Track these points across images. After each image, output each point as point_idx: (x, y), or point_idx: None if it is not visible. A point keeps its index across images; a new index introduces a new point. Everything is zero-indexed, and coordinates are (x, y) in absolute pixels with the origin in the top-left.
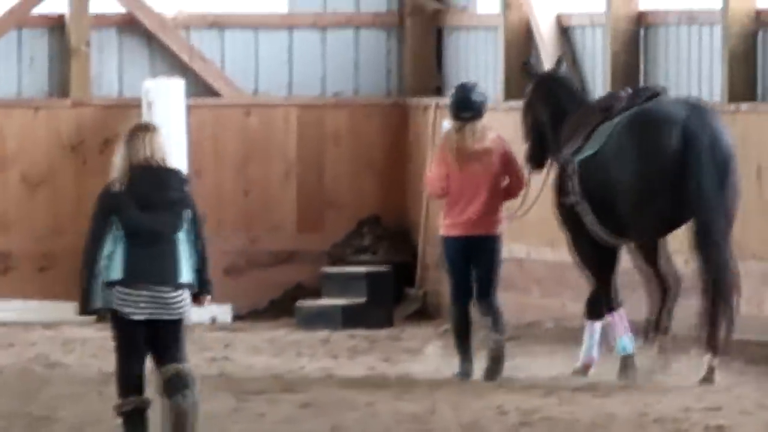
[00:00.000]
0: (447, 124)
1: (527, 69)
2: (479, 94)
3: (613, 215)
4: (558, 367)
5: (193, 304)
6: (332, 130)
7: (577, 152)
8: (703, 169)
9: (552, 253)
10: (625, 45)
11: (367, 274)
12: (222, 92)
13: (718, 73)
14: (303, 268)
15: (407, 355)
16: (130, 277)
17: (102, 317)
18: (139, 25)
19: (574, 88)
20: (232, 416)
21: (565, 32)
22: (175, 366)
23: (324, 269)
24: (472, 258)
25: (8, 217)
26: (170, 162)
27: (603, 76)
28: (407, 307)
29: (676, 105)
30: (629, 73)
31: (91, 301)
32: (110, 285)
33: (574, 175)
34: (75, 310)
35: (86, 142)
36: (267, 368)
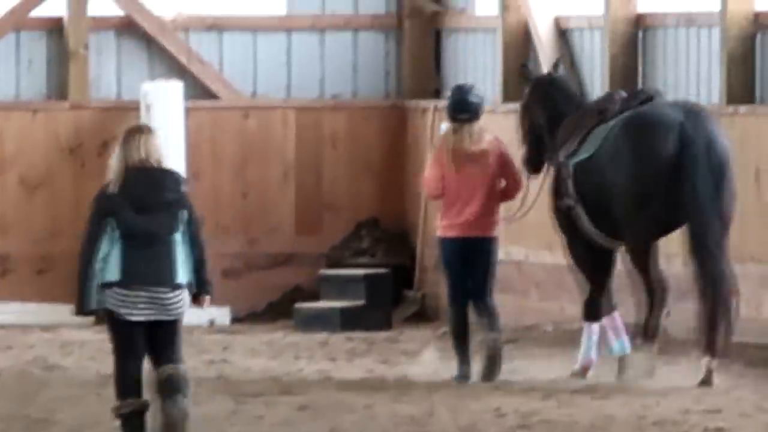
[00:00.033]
0: (445, 126)
1: (524, 72)
2: (476, 96)
3: (608, 218)
4: (556, 370)
5: (192, 305)
6: (330, 133)
7: (573, 155)
8: (699, 173)
9: (551, 256)
10: (623, 47)
11: (366, 276)
12: (220, 95)
13: (716, 75)
14: (301, 270)
15: (405, 358)
16: (127, 279)
17: (101, 319)
18: (137, 28)
19: (571, 90)
20: (230, 418)
21: (563, 34)
22: (171, 367)
23: (322, 271)
24: (469, 259)
25: (6, 220)
26: (166, 163)
27: (601, 78)
28: (405, 310)
29: (671, 108)
30: (627, 76)
31: (86, 302)
32: (107, 286)
33: (569, 178)
34: (72, 311)
35: (84, 144)
36: (265, 370)
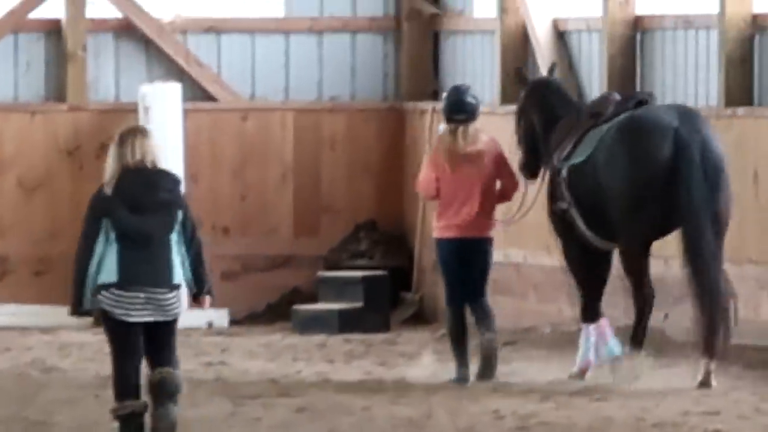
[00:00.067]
0: (442, 127)
1: (520, 76)
2: (472, 97)
3: (604, 221)
4: (555, 372)
5: (193, 305)
6: (329, 135)
7: (568, 158)
8: (694, 177)
9: (549, 259)
10: (621, 49)
11: (364, 278)
12: (219, 97)
13: (714, 77)
14: (299, 272)
15: (404, 360)
16: (125, 280)
17: (99, 321)
18: (135, 30)
19: (567, 94)
20: (228, 421)
21: (561, 36)
22: (165, 371)
23: (320, 273)
24: (466, 260)
25: (5, 222)
26: (161, 164)
27: (599, 80)
28: (404, 312)
29: (666, 112)
30: (626, 78)
31: (82, 302)
32: (104, 287)
33: (563, 182)
34: (68, 312)
35: (83, 146)
36: (263, 372)
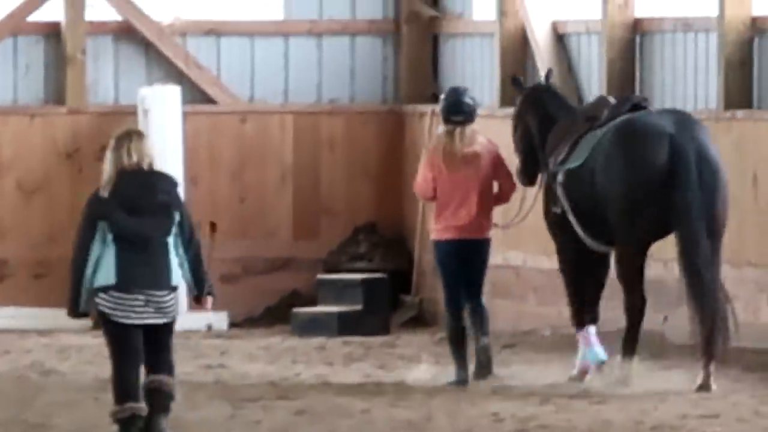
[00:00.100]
0: (441, 130)
1: (516, 83)
2: (471, 98)
3: (600, 225)
4: (554, 375)
5: (195, 307)
6: (328, 137)
7: (563, 162)
8: (689, 181)
9: (548, 261)
10: (620, 52)
11: (363, 281)
12: (218, 99)
13: (713, 80)
14: (299, 275)
15: (403, 362)
16: (123, 282)
17: (98, 324)
18: (135, 33)
19: (564, 99)
20: (228, 423)
21: (560, 39)
22: (159, 381)
23: (320, 276)
24: (464, 261)
25: (4, 224)
26: (158, 166)
27: (599, 83)
28: (403, 314)
29: (662, 117)
30: (625, 81)
31: (79, 303)
32: (102, 290)
33: (560, 186)
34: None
35: (82, 149)
36: (263, 375)
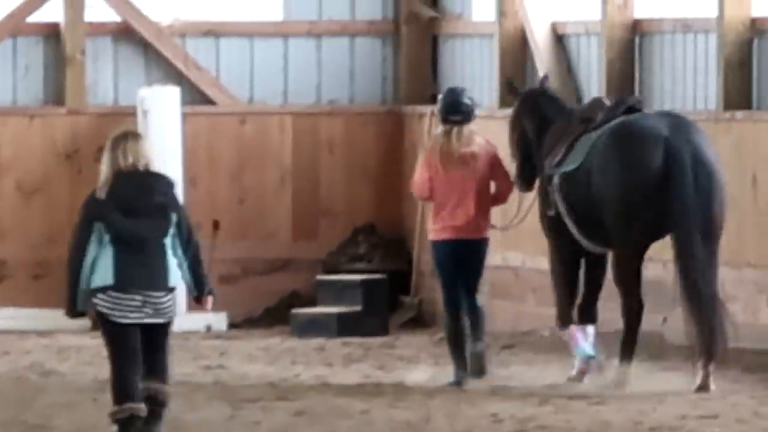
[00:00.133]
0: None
1: (510, 86)
2: (469, 99)
3: (597, 228)
4: (553, 375)
5: (195, 307)
6: (327, 138)
7: (559, 164)
8: (684, 184)
9: (547, 262)
10: (620, 53)
11: (362, 282)
12: (217, 100)
13: (713, 81)
14: (298, 276)
15: (402, 363)
16: (121, 282)
17: (97, 325)
18: (134, 34)
19: (560, 102)
20: (227, 424)
21: (560, 40)
22: (155, 388)
23: (319, 277)
24: (462, 261)
25: (3, 225)
26: (155, 167)
27: (598, 84)
28: (402, 315)
29: (657, 120)
30: (624, 82)
31: (77, 303)
32: (100, 290)
33: (555, 188)
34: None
35: (81, 150)
36: (262, 376)
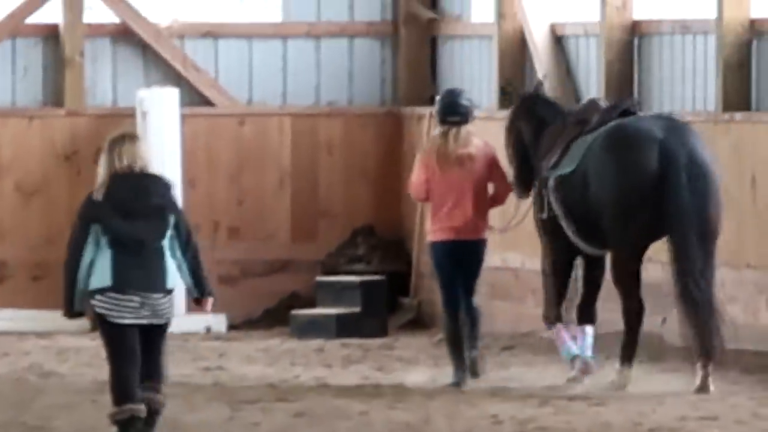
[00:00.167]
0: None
1: (505, 91)
2: (467, 100)
3: (593, 230)
4: (553, 376)
5: (195, 309)
6: (326, 140)
7: (555, 167)
8: (680, 186)
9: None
10: (619, 54)
11: (362, 283)
12: (216, 102)
13: (712, 82)
14: (297, 277)
15: (401, 365)
16: (119, 284)
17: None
18: (133, 35)
19: (556, 105)
20: (227, 425)
21: (559, 41)
22: (150, 397)
23: (318, 278)
24: (460, 262)
25: (2, 226)
26: (152, 169)
27: (597, 85)
28: (401, 317)
29: (652, 122)
30: (623, 83)
31: (74, 303)
32: (99, 292)
33: (551, 190)
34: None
35: (80, 151)
36: (261, 377)
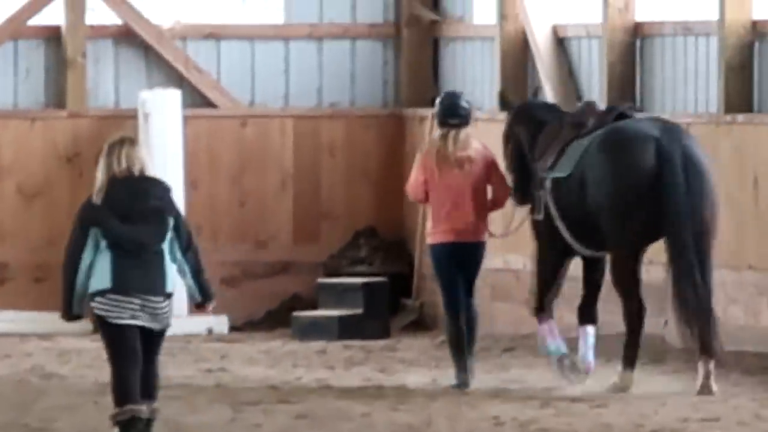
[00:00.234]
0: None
1: (503, 98)
2: (466, 102)
3: (590, 232)
4: (554, 378)
5: (195, 312)
6: (328, 141)
7: (551, 169)
8: (676, 185)
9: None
10: (621, 56)
11: (364, 285)
12: (218, 103)
13: (714, 84)
14: (299, 279)
15: (403, 366)
16: (119, 286)
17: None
18: (135, 36)
19: (553, 109)
20: (228, 427)
21: (561, 43)
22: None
23: (320, 280)
24: (460, 263)
25: (4, 228)
26: (150, 172)
27: (599, 87)
28: (403, 318)
29: (647, 124)
30: (625, 85)
31: (72, 307)
32: (99, 294)
33: (547, 192)
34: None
35: (82, 153)
36: (263, 379)
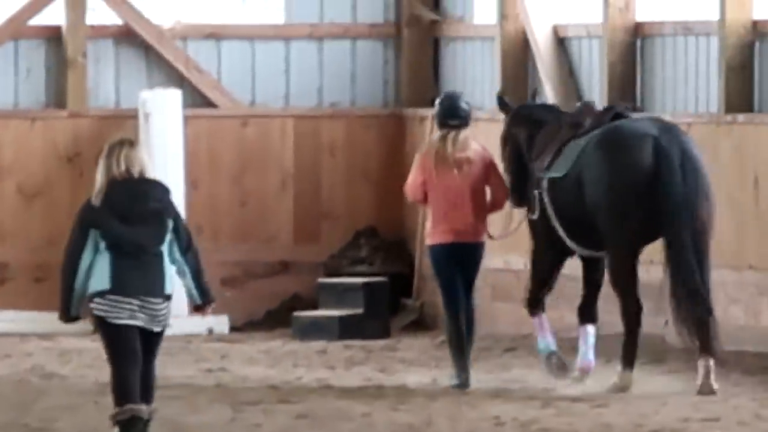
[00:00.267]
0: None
1: (501, 101)
2: (466, 103)
3: (587, 232)
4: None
5: (195, 313)
6: (329, 141)
7: (548, 169)
8: (673, 183)
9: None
10: (621, 56)
11: (364, 285)
12: (219, 103)
13: (714, 83)
14: (299, 279)
15: (404, 366)
16: (118, 287)
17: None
18: (135, 36)
19: (551, 110)
20: (229, 427)
21: (561, 43)
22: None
23: (320, 280)
24: (459, 264)
25: (4, 228)
26: (150, 174)
27: (600, 86)
28: (404, 318)
29: (644, 123)
30: (626, 84)
31: (70, 308)
32: (98, 295)
33: (544, 191)
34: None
35: (83, 153)
36: (263, 379)
